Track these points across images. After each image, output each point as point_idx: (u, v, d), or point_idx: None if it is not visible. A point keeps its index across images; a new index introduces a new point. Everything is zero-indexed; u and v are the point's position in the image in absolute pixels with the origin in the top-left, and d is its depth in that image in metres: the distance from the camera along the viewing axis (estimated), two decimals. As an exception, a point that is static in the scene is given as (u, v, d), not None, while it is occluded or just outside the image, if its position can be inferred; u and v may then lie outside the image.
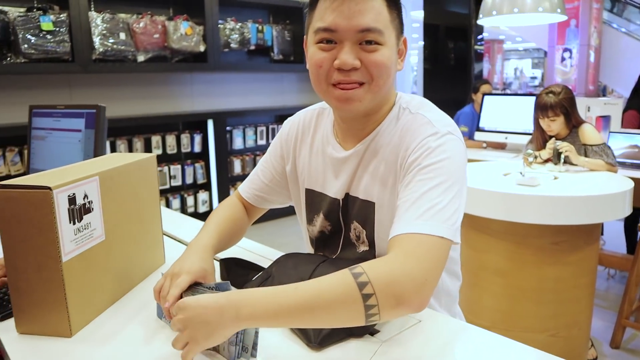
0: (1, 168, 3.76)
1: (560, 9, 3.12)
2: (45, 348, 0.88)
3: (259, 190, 1.24)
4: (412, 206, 0.87)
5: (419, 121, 0.98)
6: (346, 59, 0.92)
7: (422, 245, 0.82)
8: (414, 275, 0.78)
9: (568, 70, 9.21)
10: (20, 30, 3.57)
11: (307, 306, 0.76)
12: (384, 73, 0.94)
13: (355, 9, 0.91)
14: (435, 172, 0.89)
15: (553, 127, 2.68)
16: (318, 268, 0.97)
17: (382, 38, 0.93)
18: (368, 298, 0.76)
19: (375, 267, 0.79)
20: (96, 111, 1.58)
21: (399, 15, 0.98)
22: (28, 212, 0.85)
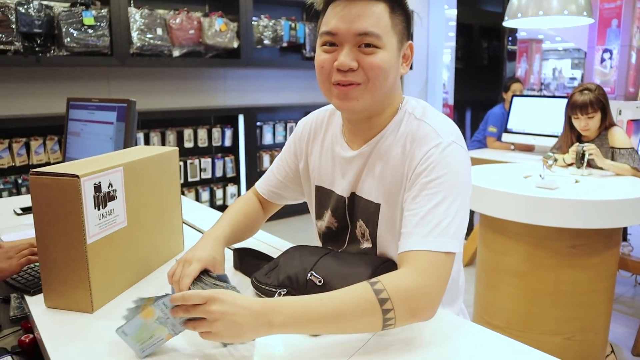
0: (41, 156, 3.95)
1: (587, 11, 3.09)
2: (69, 321, 0.97)
3: (274, 186, 1.31)
4: (421, 222, 0.94)
5: (424, 129, 1.03)
6: (344, 60, 0.98)
7: (434, 263, 0.91)
8: (428, 292, 0.89)
9: (607, 72, 8.98)
10: (63, 24, 3.74)
11: (332, 317, 0.85)
12: (380, 75, 0.99)
13: (355, 14, 0.97)
14: (440, 187, 0.96)
15: (591, 124, 2.63)
16: (321, 260, 1.03)
17: (381, 42, 0.98)
18: (387, 312, 0.86)
19: (393, 283, 0.88)
20: (127, 105, 1.67)
21: (403, 21, 1.03)
22: (58, 197, 0.94)
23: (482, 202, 2.23)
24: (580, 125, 2.66)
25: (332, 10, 1.00)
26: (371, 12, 0.98)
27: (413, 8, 6.33)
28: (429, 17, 6.73)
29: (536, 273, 2.18)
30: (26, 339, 1.07)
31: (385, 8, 0.99)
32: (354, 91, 1.00)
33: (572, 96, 2.67)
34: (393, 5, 1.01)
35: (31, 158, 3.89)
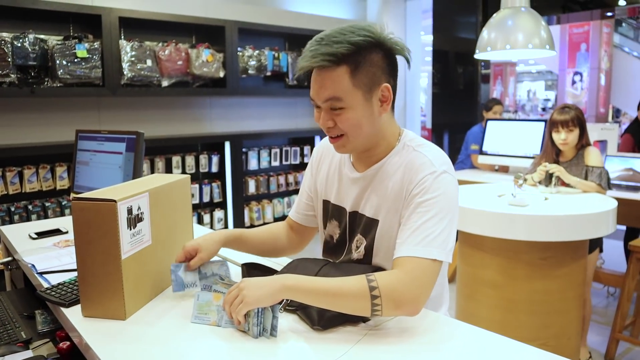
0: (34, 184, 4.04)
1: (549, 45, 3.36)
2: (106, 327, 1.12)
3: (303, 209, 1.49)
4: (413, 234, 1.12)
5: (421, 159, 1.20)
6: (322, 123, 1.20)
7: (420, 267, 1.09)
8: (411, 290, 1.06)
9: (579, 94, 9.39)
10: (57, 57, 3.88)
11: (331, 292, 1.06)
12: (352, 128, 1.17)
13: (320, 83, 1.15)
14: (432, 206, 1.14)
15: (570, 138, 2.79)
16: (321, 270, 1.20)
17: (344, 103, 1.15)
18: (375, 298, 1.05)
19: (384, 278, 1.07)
20: (136, 137, 1.83)
21: (371, 72, 1.15)
22: (97, 219, 1.09)
23: (460, 220, 2.40)
24: (560, 138, 2.80)
25: (312, 78, 1.18)
26: (330, 80, 1.13)
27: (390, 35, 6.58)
28: (406, 43, 7.00)
29: (511, 284, 2.37)
30: (64, 346, 1.21)
31: (346, 70, 1.13)
32: (339, 142, 1.21)
33: (554, 113, 2.87)
34: (356, 64, 1.13)
35: (24, 186, 3.99)
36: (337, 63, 1.12)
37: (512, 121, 4.97)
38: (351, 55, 1.12)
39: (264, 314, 1.06)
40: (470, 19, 6.22)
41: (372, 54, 1.15)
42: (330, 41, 1.12)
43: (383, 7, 6.62)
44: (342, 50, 1.11)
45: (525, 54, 3.75)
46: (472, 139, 4.58)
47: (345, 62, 1.12)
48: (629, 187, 3.34)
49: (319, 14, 6.02)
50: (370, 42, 1.15)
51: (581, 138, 2.85)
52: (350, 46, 1.12)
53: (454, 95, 6.52)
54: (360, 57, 1.14)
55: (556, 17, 7.14)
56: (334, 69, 1.13)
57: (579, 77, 9.21)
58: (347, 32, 1.14)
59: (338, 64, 1.12)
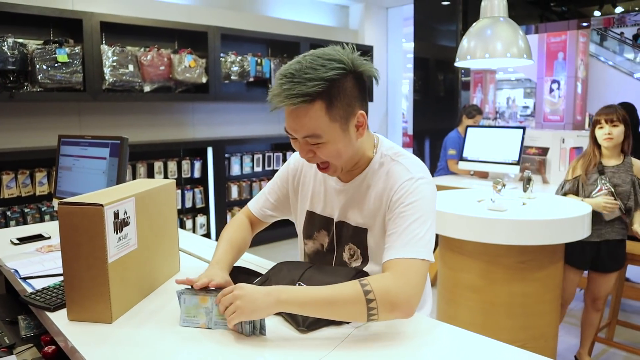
0: (13, 190, 4.00)
1: (527, 54, 3.44)
2: (92, 331, 1.13)
3: (267, 208, 1.52)
4: (400, 237, 1.15)
5: (398, 168, 1.25)
6: (301, 155, 1.23)
7: (411, 267, 1.11)
8: (406, 291, 1.08)
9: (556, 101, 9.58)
10: (37, 61, 3.85)
11: (326, 302, 1.06)
12: (333, 158, 1.20)
13: (296, 119, 1.15)
14: (414, 210, 1.18)
15: (615, 132, 2.59)
16: (307, 271, 1.22)
17: (323, 138, 1.16)
18: (370, 302, 1.05)
19: (378, 282, 1.08)
20: (120, 142, 1.84)
21: (345, 103, 1.15)
22: (83, 223, 1.10)
23: (441, 225, 2.46)
24: (603, 133, 2.61)
25: (285, 111, 1.17)
26: (308, 117, 1.13)
27: (372, 42, 6.61)
28: (388, 50, 7.11)
29: (491, 287, 2.41)
30: (49, 350, 1.21)
31: (321, 106, 1.12)
32: (326, 170, 1.24)
33: (596, 114, 2.71)
34: (331, 98, 1.12)
35: (2, 192, 3.94)
36: (312, 101, 1.11)
37: (491, 128, 5.06)
38: (325, 91, 1.11)
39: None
40: (450, 27, 6.32)
41: (345, 84, 1.15)
42: (302, 78, 1.10)
43: (365, 14, 6.70)
44: (317, 89, 1.10)
45: (504, 62, 3.84)
46: (449, 144, 4.64)
47: (320, 98, 1.12)
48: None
49: (302, 21, 6.06)
50: (343, 73, 1.14)
51: (626, 138, 2.65)
52: (324, 82, 1.11)
53: (435, 102, 6.61)
54: (334, 91, 1.13)
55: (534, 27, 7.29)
56: (309, 107, 1.12)
57: (557, 85, 9.40)
58: (319, 66, 1.12)
59: (313, 102, 1.11)
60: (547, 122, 9.30)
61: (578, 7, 6.32)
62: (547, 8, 6.29)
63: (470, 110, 4.73)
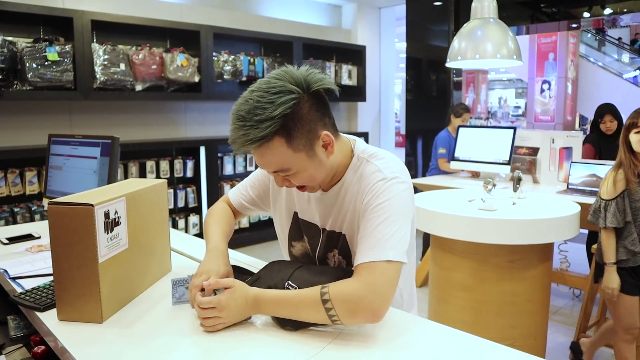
0: (3, 189, 3.97)
1: (516, 55, 3.47)
2: (83, 331, 1.13)
3: (246, 201, 1.52)
4: (367, 240, 1.13)
5: (370, 170, 1.22)
6: (278, 184, 1.24)
7: (374, 270, 1.09)
8: (366, 294, 1.07)
9: (547, 101, 9.64)
10: (27, 59, 3.83)
11: (293, 306, 1.12)
12: (306, 181, 1.20)
13: (261, 158, 1.15)
14: (382, 210, 1.15)
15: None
16: (296, 271, 1.22)
17: (292, 170, 1.16)
18: (329, 310, 1.08)
19: (337, 288, 1.09)
20: (111, 141, 1.83)
21: (305, 130, 1.12)
22: (74, 223, 1.10)
23: (432, 224, 2.47)
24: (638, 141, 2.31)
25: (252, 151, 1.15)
26: (272, 154, 1.12)
27: (365, 41, 6.62)
28: (380, 50, 7.12)
29: (481, 286, 2.43)
30: (39, 350, 1.21)
31: (281, 140, 1.10)
32: (303, 189, 1.24)
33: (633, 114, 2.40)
34: (288, 131, 1.10)
35: (-8, 191, 3.92)
36: (269, 141, 1.10)
37: (483, 128, 5.09)
38: (280, 128, 1.09)
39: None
40: (442, 27, 6.34)
41: (301, 111, 1.11)
42: (253, 121, 1.07)
43: (357, 14, 6.71)
44: (270, 130, 1.08)
45: (494, 63, 3.87)
46: (439, 143, 4.67)
47: (277, 135, 1.09)
48: (593, 193, 3.45)
49: (295, 20, 6.06)
50: (295, 102, 1.10)
51: None
52: (276, 121, 1.08)
53: (428, 101, 6.63)
54: (289, 123, 1.10)
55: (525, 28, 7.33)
56: (269, 145, 1.10)
57: (547, 86, 9.46)
58: (267, 104, 1.08)
59: (271, 140, 1.10)
60: (538, 122, 9.36)
61: (568, 9, 6.36)
62: (537, 9, 6.33)
63: (458, 110, 4.75)
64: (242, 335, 1.11)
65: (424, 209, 2.46)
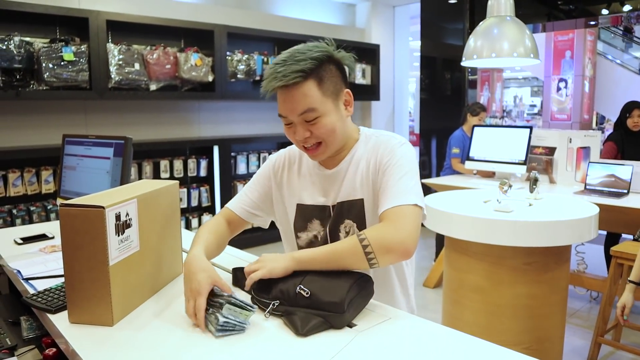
0: (19, 188, 4.01)
1: (533, 53, 3.41)
2: (93, 333, 1.12)
3: (248, 206, 1.53)
4: (391, 190, 1.27)
5: (383, 138, 1.39)
6: (298, 137, 1.32)
7: (402, 213, 1.22)
8: (398, 233, 1.19)
9: (563, 100, 9.51)
10: (44, 59, 3.86)
11: (332, 254, 1.22)
12: (329, 134, 1.31)
13: (291, 99, 1.26)
14: (401, 167, 1.30)
15: None
16: (308, 276, 1.19)
17: (318, 112, 1.28)
18: (366, 247, 1.18)
19: (371, 230, 1.22)
20: (124, 142, 1.83)
21: (333, 81, 1.30)
22: (84, 226, 1.09)
23: (446, 225, 2.44)
24: None
25: (278, 97, 1.30)
26: (301, 93, 1.25)
27: (378, 40, 6.59)
28: (394, 48, 7.08)
29: (496, 289, 2.39)
30: (50, 352, 1.21)
31: (313, 83, 1.26)
32: (319, 150, 1.34)
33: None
34: (320, 76, 1.27)
35: (9, 190, 3.96)
36: (305, 78, 1.25)
37: (498, 127, 5.02)
38: (315, 69, 1.26)
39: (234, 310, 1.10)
40: (457, 25, 6.28)
41: (330, 65, 1.30)
42: (294, 60, 1.24)
43: (372, 12, 6.67)
44: (309, 66, 1.24)
45: (510, 62, 3.81)
46: (453, 143, 4.62)
47: (312, 76, 1.26)
48: (611, 193, 3.39)
49: (309, 19, 6.05)
50: (327, 56, 1.29)
51: None
52: (314, 61, 1.25)
53: (442, 100, 6.57)
54: (322, 71, 1.28)
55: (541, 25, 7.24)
56: (303, 84, 1.25)
57: (564, 84, 9.33)
58: (306, 50, 1.27)
59: (306, 79, 1.25)
60: (555, 121, 9.23)
61: (585, 6, 6.27)
62: (554, 6, 6.24)
63: (475, 108, 4.70)
64: (252, 340, 1.10)
65: (438, 210, 2.43)
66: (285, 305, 1.17)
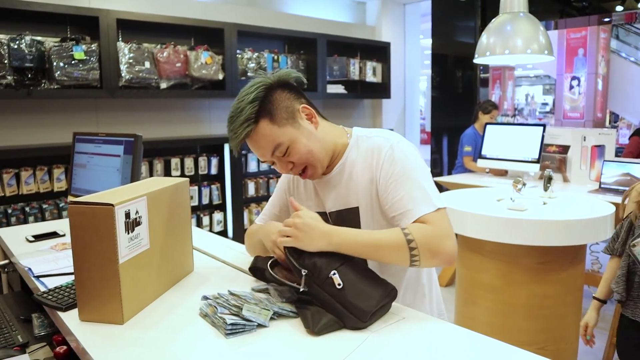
0: (31, 186, 4.03)
1: (548, 50, 3.36)
2: (103, 332, 1.11)
3: (272, 218, 1.54)
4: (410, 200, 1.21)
5: (376, 141, 1.33)
6: (285, 170, 1.33)
7: (437, 218, 1.19)
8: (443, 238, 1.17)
9: (576, 98, 9.40)
10: (54, 58, 3.87)
11: (372, 246, 1.17)
12: (308, 156, 1.30)
13: (256, 146, 1.29)
14: (405, 172, 1.25)
15: None
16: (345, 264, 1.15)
17: (285, 144, 1.27)
18: (413, 249, 1.15)
19: (419, 231, 1.16)
20: (134, 139, 1.82)
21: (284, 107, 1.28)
22: (94, 223, 1.08)
23: (459, 224, 2.41)
24: None
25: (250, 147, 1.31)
26: (262, 136, 1.26)
27: (389, 38, 6.55)
28: (405, 46, 7.03)
29: (510, 288, 2.36)
30: (61, 350, 1.20)
31: (265, 121, 1.26)
32: (308, 173, 1.34)
33: None
34: (268, 110, 1.26)
35: (21, 188, 3.97)
36: (255, 122, 1.25)
37: (511, 125, 4.97)
38: (260, 109, 1.25)
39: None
40: (469, 23, 6.23)
41: (274, 95, 1.28)
42: (237, 113, 1.26)
43: (382, 10, 6.63)
44: (251, 111, 1.24)
45: (524, 59, 3.76)
46: (465, 141, 4.58)
47: (260, 117, 1.26)
48: (627, 192, 3.34)
49: (319, 17, 6.02)
50: (265, 89, 1.27)
51: None
52: (253, 104, 1.25)
53: (453, 98, 6.53)
54: (267, 105, 1.26)
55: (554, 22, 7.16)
56: (257, 129, 1.26)
57: (577, 82, 9.22)
58: (244, 96, 1.27)
59: (257, 122, 1.25)
60: (567, 119, 9.13)
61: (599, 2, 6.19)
62: (567, 3, 6.17)
63: (486, 106, 4.65)
64: (263, 339, 1.08)
65: (450, 208, 2.40)
66: (311, 284, 1.13)
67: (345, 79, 5.73)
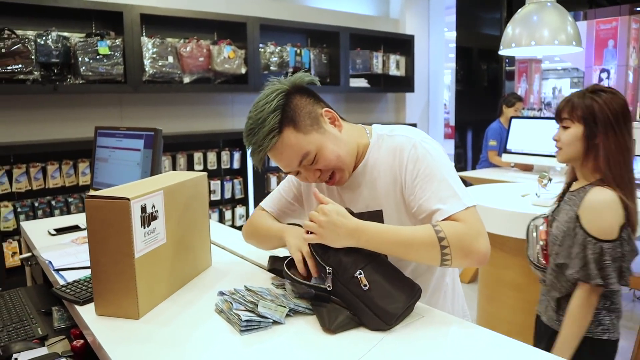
0: (57, 180, 4.10)
1: (576, 41, 3.26)
2: (119, 326, 1.11)
3: (284, 206, 1.50)
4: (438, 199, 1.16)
5: (399, 140, 1.27)
6: (312, 179, 1.27)
7: (469, 216, 1.14)
8: (477, 237, 1.11)
9: (606, 91, 9.18)
10: (80, 54, 3.92)
11: (402, 244, 1.12)
12: (337, 162, 1.24)
13: (281, 157, 1.22)
14: (431, 170, 1.19)
15: (563, 138, 1.75)
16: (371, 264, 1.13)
17: (313, 151, 1.21)
18: (444, 248, 1.09)
19: (451, 229, 1.11)
20: (154, 133, 1.83)
21: (306, 112, 1.22)
22: (110, 217, 1.08)
23: (483, 220, 2.36)
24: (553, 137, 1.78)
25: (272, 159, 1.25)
26: (288, 147, 1.20)
27: (413, 31, 6.46)
28: (429, 39, 6.94)
29: (534, 286, 2.30)
30: (78, 344, 1.21)
31: (290, 130, 1.19)
32: (336, 178, 1.28)
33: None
34: (291, 118, 1.20)
35: (47, 182, 4.04)
36: (280, 132, 1.19)
37: (537, 119, 4.86)
38: (282, 118, 1.19)
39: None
40: (494, 14, 6.11)
41: (294, 101, 1.22)
42: (258, 125, 1.19)
43: (406, 3, 6.55)
44: (274, 120, 1.18)
45: (551, 50, 3.66)
46: (490, 135, 4.51)
47: (284, 126, 1.19)
48: (659, 188, 3.23)
49: (342, 10, 5.98)
50: (284, 96, 1.21)
51: (590, 152, 1.65)
52: (276, 112, 1.18)
53: (478, 92, 6.42)
54: (290, 112, 1.20)
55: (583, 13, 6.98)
56: (282, 139, 1.19)
57: (606, 75, 8.99)
58: (263, 106, 1.20)
59: (281, 132, 1.19)
60: (596, 113, 8.90)
61: (632, -9, 6.01)
62: (597, -7, 6.00)
63: (510, 99, 4.56)
64: (278, 337, 1.06)
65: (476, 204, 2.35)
66: (336, 280, 1.11)
67: (368, 72, 5.67)
